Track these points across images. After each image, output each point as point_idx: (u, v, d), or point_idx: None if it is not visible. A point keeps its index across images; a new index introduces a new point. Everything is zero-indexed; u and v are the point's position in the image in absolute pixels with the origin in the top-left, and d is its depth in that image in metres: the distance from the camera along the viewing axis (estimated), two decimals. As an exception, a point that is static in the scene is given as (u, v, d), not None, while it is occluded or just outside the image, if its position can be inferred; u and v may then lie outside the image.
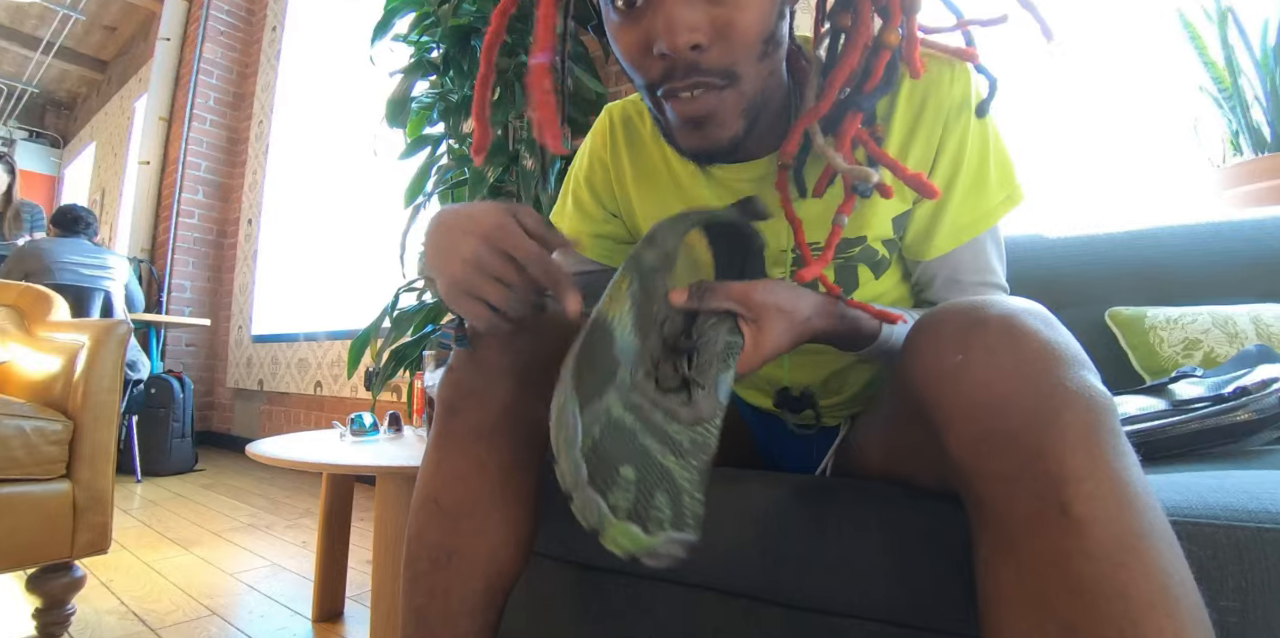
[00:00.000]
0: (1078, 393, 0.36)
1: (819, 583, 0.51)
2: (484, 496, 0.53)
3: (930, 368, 0.41)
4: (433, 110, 1.77)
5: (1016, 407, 0.36)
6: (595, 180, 0.69)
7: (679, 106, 0.49)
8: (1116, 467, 0.34)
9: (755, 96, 0.49)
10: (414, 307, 1.68)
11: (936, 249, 0.59)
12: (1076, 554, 0.33)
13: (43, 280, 2.36)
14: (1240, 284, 0.87)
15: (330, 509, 1.24)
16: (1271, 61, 1.03)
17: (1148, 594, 0.31)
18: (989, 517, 0.37)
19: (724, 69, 0.47)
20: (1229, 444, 0.56)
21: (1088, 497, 0.33)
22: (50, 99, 6.32)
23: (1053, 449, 0.34)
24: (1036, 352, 0.37)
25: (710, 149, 0.51)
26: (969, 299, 0.43)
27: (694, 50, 0.46)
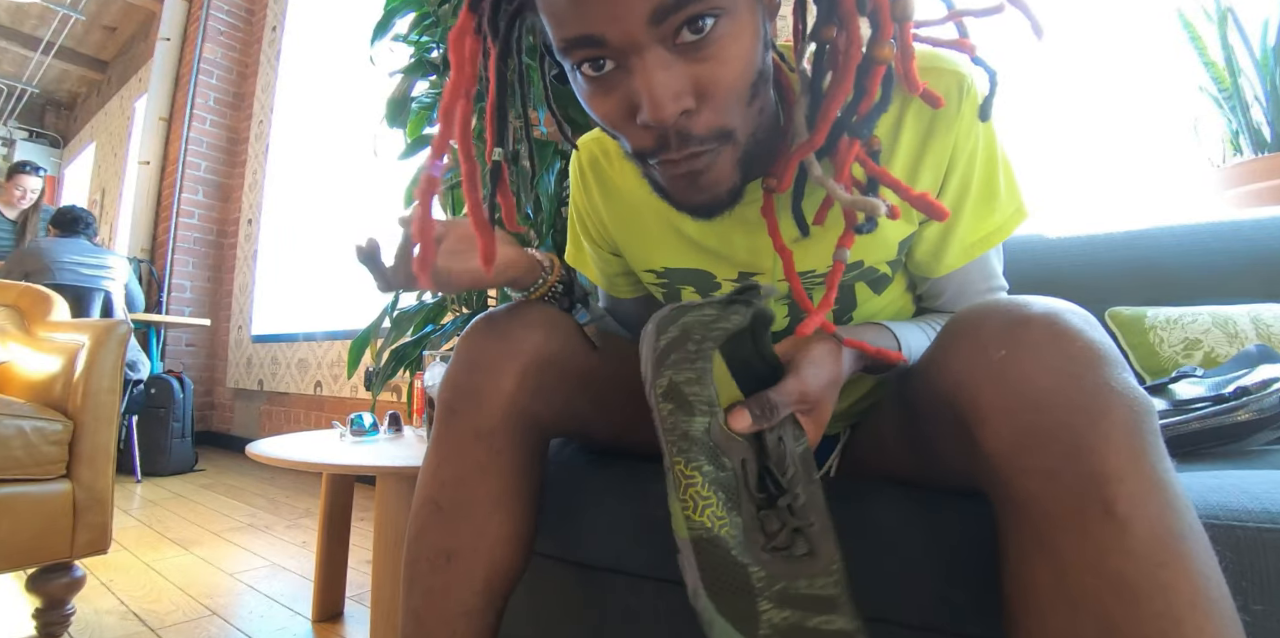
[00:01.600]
0: (1122, 393, 0.36)
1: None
2: (484, 497, 0.53)
3: (971, 363, 0.40)
4: (433, 110, 1.77)
5: (1061, 403, 0.36)
6: (589, 229, 0.69)
7: (672, 169, 0.45)
8: (1159, 468, 0.34)
9: (748, 143, 0.46)
10: (414, 307, 1.68)
11: (947, 267, 0.58)
12: (1117, 552, 0.33)
13: (43, 280, 2.36)
14: (1240, 284, 0.87)
15: (330, 509, 1.24)
16: (1271, 61, 1.03)
17: (1188, 594, 0.32)
18: (1026, 514, 0.36)
19: (717, 130, 0.43)
20: (1229, 444, 0.56)
21: (1130, 496, 0.33)
22: (50, 99, 6.32)
23: (1097, 447, 0.34)
24: (1081, 350, 0.37)
25: (709, 204, 0.48)
26: (1010, 298, 0.43)
27: (683, 116, 0.42)
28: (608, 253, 0.69)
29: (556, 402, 0.57)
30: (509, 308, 0.57)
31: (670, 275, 0.64)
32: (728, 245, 0.59)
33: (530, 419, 0.55)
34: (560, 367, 0.56)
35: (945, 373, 0.42)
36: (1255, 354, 0.66)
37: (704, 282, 0.62)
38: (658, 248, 0.62)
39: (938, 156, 0.52)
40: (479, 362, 0.54)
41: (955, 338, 0.43)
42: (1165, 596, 0.32)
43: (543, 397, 0.55)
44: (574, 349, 0.57)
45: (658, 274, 0.64)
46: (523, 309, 0.57)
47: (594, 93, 0.44)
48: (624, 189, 0.62)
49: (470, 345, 0.56)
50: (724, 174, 0.46)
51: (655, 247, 0.62)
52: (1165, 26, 1.16)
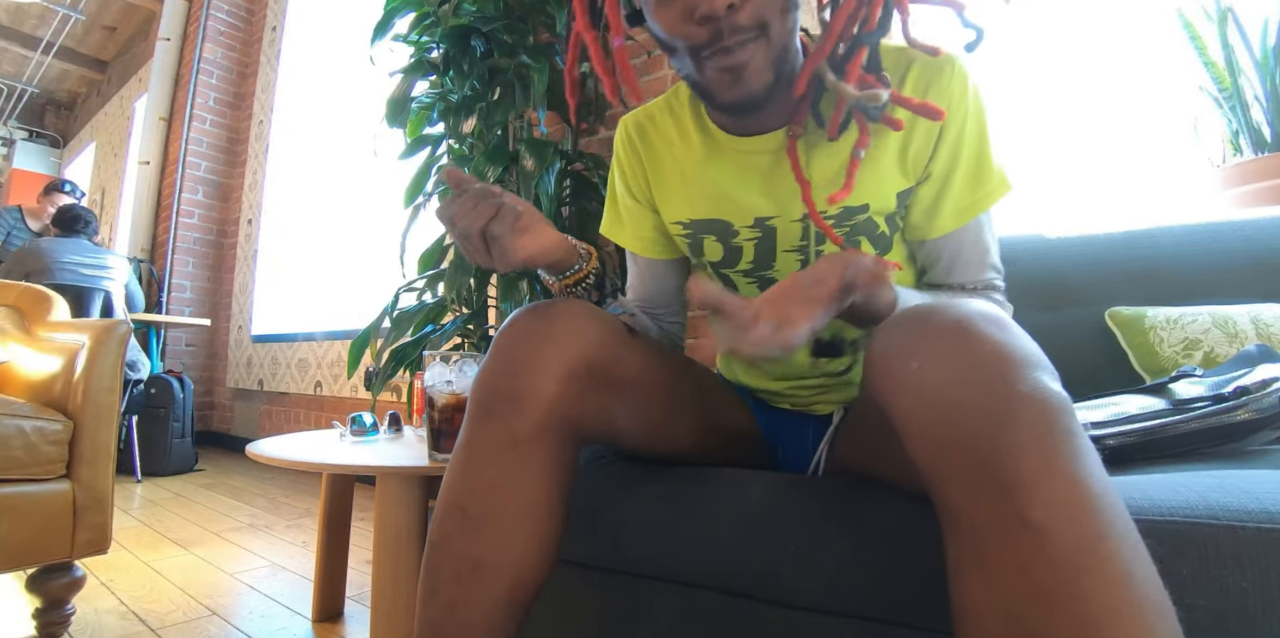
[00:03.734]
0: (1030, 395, 0.36)
1: (819, 583, 0.50)
2: (514, 506, 0.51)
3: (887, 376, 0.41)
4: (433, 110, 1.77)
5: (970, 413, 0.36)
6: (632, 187, 0.74)
7: (721, 60, 0.54)
8: (1073, 469, 0.34)
9: (780, 49, 0.55)
10: (414, 307, 1.68)
11: (940, 228, 0.63)
12: (1037, 561, 0.33)
13: (43, 280, 2.37)
14: (1240, 284, 0.87)
15: (330, 509, 1.24)
16: (1271, 61, 1.03)
17: (1107, 599, 0.31)
18: (956, 524, 0.37)
19: (756, 23, 0.53)
20: (1229, 444, 0.56)
21: (1044, 502, 0.33)
22: (50, 99, 6.32)
23: (1007, 455, 0.34)
24: (988, 356, 0.37)
25: (746, 99, 0.56)
26: (925, 305, 0.43)
27: (730, 10, 0.51)
28: (649, 209, 0.74)
29: (594, 408, 0.54)
30: (552, 304, 0.55)
31: (694, 226, 0.69)
32: (748, 193, 0.64)
33: (568, 426, 0.53)
34: (603, 372, 0.54)
35: (872, 383, 0.43)
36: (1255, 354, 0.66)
37: (723, 230, 0.67)
38: (685, 199, 0.69)
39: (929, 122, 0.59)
40: (521, 362, 0.52)
41: (875, 348, 0.44)
42: (1085, 603, 0.31)
43: (582, 403, 0.53)
44: (617, 353, 0.56)
45: (684, 226, 0.70)
46: (570, 306, 0.55)
47: (659, 6, 0.55)
48: (662, 147, 0.71)
49: (512, 343, 0.53)
50: (759, 69, 0.55)
51: (683, 198, 0.69)
52: (1165, 26, 1.16)
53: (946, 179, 0.61)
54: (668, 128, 0.70)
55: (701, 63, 0.55)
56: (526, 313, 0.55)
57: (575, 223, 1.77)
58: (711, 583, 0.56)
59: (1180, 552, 0.39)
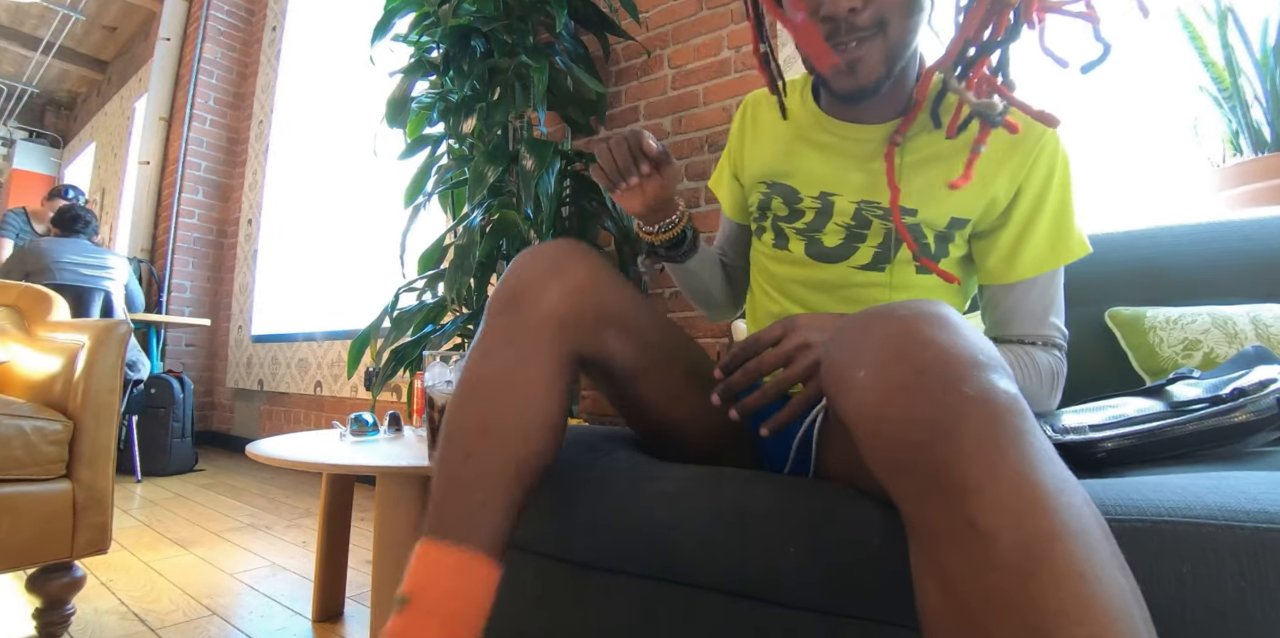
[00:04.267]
0: (975, 399, 0.35)
1: (819, 583, 0.51)
2: (524, 382, 0.56)
3: (837, 385, 0.41)
4: (433, 110, 1.77)
5: (915, 422, 0.36)
6: (733, 153, 0.84)
7: (841, 53, 0.60)
8: (1021, 470, 0.34)
9: (896, 46, 0.60)
10: (414, 307, 1.68)
11: (1018, 274, 0.66)
12: (986, 567, 0.33)
13: (43, 280, 2.37)
14: (1240, 284, 0.87)
15: (330, 509, 1.24)
16: (1271, 61, 1.03)
17: (1056, 602, 0.31)
18: (912, 531, 0.37)
19: (874, 22, 0.58)
20: (1227, 446, 0.56)
21: (992, 507, 0.33)
22: (50, 99, 6.33)
23: (953, 462, 0.34)
24: (933, 360, 0.37)
25: (857, 90, 0.62)
26: (875, 308, 0.43)
27: (851, 13, 0.57)
28: (735, 176, 0.84)
29: (589, 322, 0.60)
30: (557, 244, 0.64)
31: (772, 187, 0.76)
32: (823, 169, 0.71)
33: (567, 331, 0.59)
34: (596, 296, 0.61)
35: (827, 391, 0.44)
36: (1252, 355, 0.66)
37: (791, 196, 0.74)
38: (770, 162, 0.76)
39: (1015, 168, 0.64)
40: (526, 277, 0.60)
41: (831, 353, 0.44)
42: (1034, 607, 0.31)
43: (578, 317, 0.60)
44: (610, 285, 0.62)
45: (767, 185, 0.76)
46: (573, 247, 0.64)
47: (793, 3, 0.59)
48: (768, 119, 0.79)
49: (521, 265, 0.62)
50: (873, 65, 0.60)
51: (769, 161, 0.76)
52: (1165, 26, 1.16)
53: (1027, 226, 0.65)
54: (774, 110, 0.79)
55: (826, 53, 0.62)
56: (535, 248, 0.64)
57: (575, 223, 1.77)
58: (711, 583, 0.56)
59: (1179, 551, 0.40)
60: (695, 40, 1.81)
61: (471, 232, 1.55)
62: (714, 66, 1.76)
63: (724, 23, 1.75)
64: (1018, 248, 0.66)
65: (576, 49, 1.81)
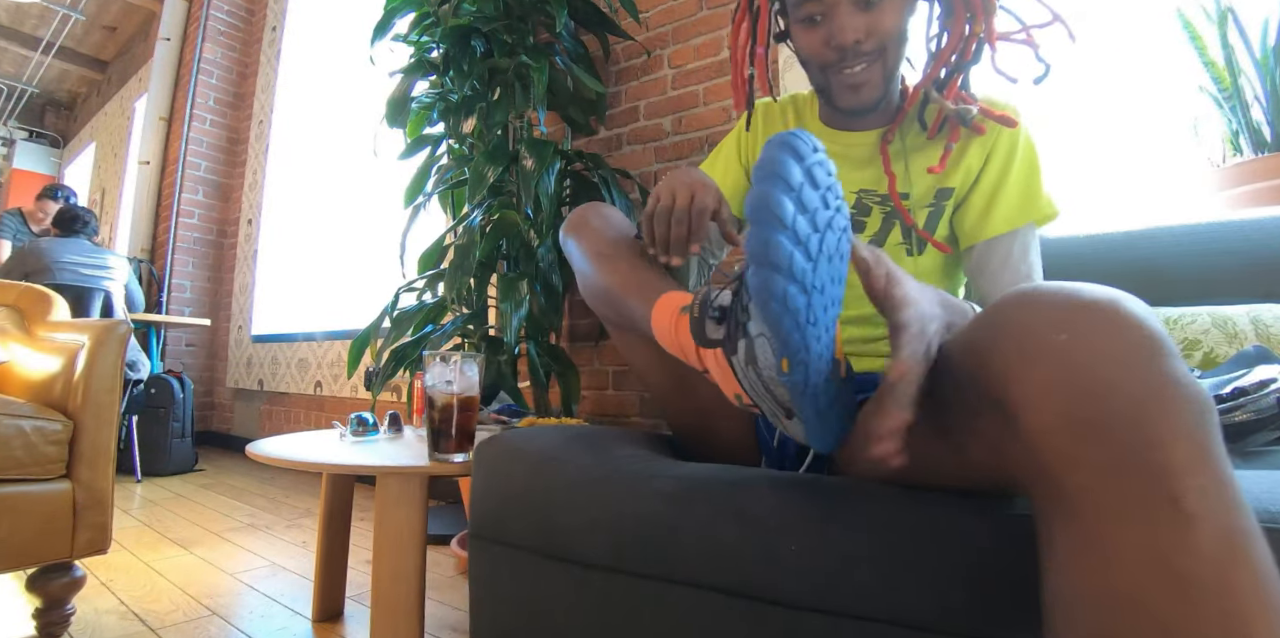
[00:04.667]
0: (1188, 386, 0.34)
1: (819, 583, 0.51)
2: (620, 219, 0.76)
3: (1023, 346, 0.38)
4: (433, 110, 1.77)
5: (1126, 393, 0.34)
6: (743, 149, 0.91)
7: (845, 78, 0.74)
8: (1222, 464, 0.33)
9: (891, 69, 0.74)
10: (414, 307, 1.68)
11: (994, 228, 0.76)
12: (1182, 550, 0.31)
13: (43, 280, 2.37)
14: (1240, 284, 0.87)
15: (330, 509, 1.24)
16: (1271, 61, 1.03)
17: (1255, 595, 0.30)
18: (1077, 508, 0.34)
19: (876, 49, 0.72)
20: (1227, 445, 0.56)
21: (1199, 491, 0.32)
22: (50, 99, 6.33)
23: (1165, 440, 0.33)
24: (1145, 339, 0.35)
25: (860, 107, 0.76)
26: (1064, 283, 0.41)
27: (855, 44, 0.71)
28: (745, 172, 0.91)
29: None
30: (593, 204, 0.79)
31: None
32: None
33: None
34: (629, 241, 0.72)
35: (990, 356, 0.40)
36: (1253, 355, 0.66)
37: None
38: None
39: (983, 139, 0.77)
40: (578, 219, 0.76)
41: (1004, 318, 0.41)
42: (1234, 596, 0.30)
43: None
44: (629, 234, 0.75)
45: None
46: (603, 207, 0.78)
47: (805, 31, 0.74)
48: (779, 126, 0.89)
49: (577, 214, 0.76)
50: (875, 85, 0.74)
51: None
52: (1165, 26, 1.16)
53: (998, 185, 0.76)
54: (788, 114, 0.90)
55: (829, 77, 0.75)
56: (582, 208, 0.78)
57: (575, 223, 1.76)
58: (711, 583, 0.56)
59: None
60: (695, 40, 1.81)
61: (471, 232, 1.55)
62: (714, 66, 1.76)
63: (724, 23, 1.75)
64: (991, 204, 0.76)
65: (576, 49, 1.81)
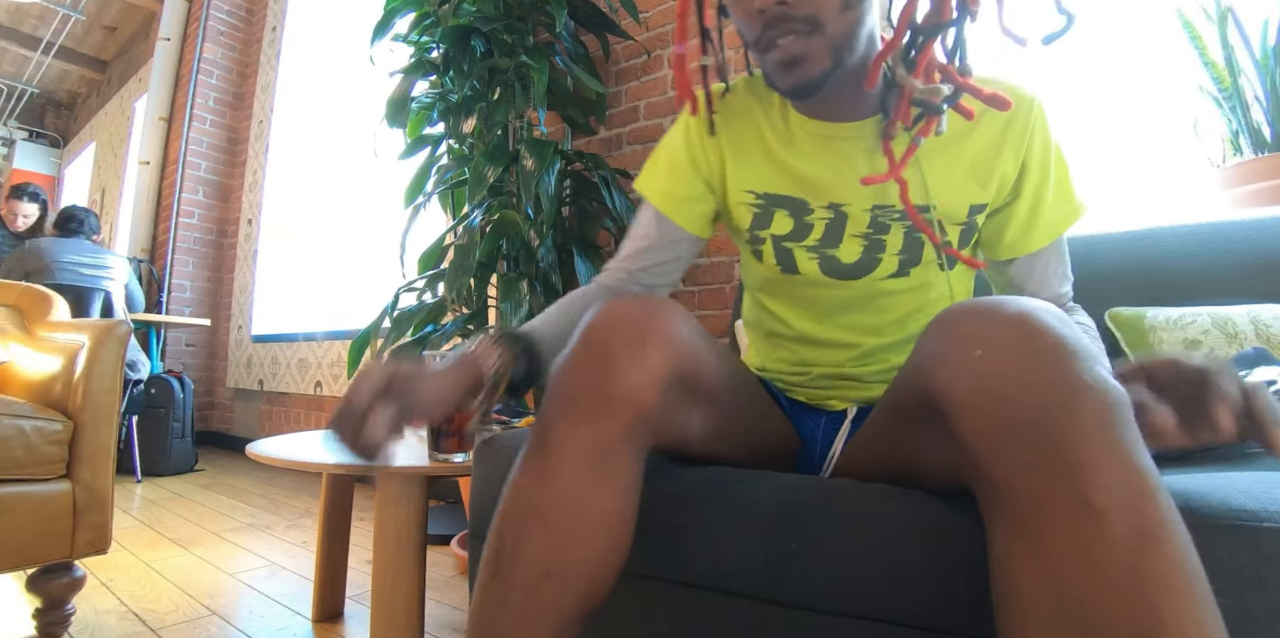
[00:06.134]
0: (1094, 386, 0.37)
1: (819, 583, 0.51)
2: (597, 518, 0.48)
3: (948, 360, 0.42)
4: (433, 110, 1.77)
5: (1035, 398, 0.37)
6: (696, 151, 0.73)
7: (776, 53, 0.57)
8: (1132, 457, 0.35)
9: (841, 39, 0.57)
10: (414, 307, 1.68)
11: (1036, 243, 0.67)
12: (1096, 542, 0.34)
13: (43, 280, 2.37)
14: (1240, 284, 0.87)
15: (330, 509, 1.24)
16: (1271, 61, 1.03)
17: (1166, 579, 0.32)
18: (1008, 506, 0.37)
19: (808, 17, 0.55)
20: (1226, 447, 0.56)
21: (1106, 487, 0.34)
22: (50, 99, 6.33)
23: (1072, 439, 0.35)
24: (1052, 347, 0.38)
25: (804, 83, 0.58)
26: (987, 298, 0.44)
27: (780, 5, 0.55)
28: (703, 186, 0.73)
29: (677, 415, 0.53)
30: (648, 299, 0.53)
31: (768, 199, 0.69)
32: (825, 176, 0.66)
33: (652, 435, 0.51)
34: (691, 379, 0.53)
35: (929, 370, 0.44)
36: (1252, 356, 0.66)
37: (798, 207, 0.68)
38: (763, 173, 0.69)
39: (1016, 141, 0.63)
40: (619, 362, 0.48)
41: (936, 337, 0.44)
42: (1143, 583, 0.32)
43: (670, 410, 0.52)
44: (705, 359, 0.55)
45: (756, 195, 0.70)
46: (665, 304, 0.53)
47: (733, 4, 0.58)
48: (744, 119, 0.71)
49: (611, 339, 0.49)
50: (817, 57, 0.57)
51: (761, 172, 0.70)
52: (1165, 26, 1.16)
53: (1038, 195, 0.65)
54: (751, 104, 0.71)
55: (760, 54, 0.59)
56: (625, 303, 0.52)
57: (575, 223, 1.77)
58: (711, 583, 0.56)
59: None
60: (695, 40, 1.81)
61: (471, 232, 1.55)
62: (714, 66, 1.76)
63: (724, 23, 1.75)
64: (1034, 217, 0.66)
65: (576, 49, 1.81)
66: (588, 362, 0.49)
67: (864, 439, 0.62)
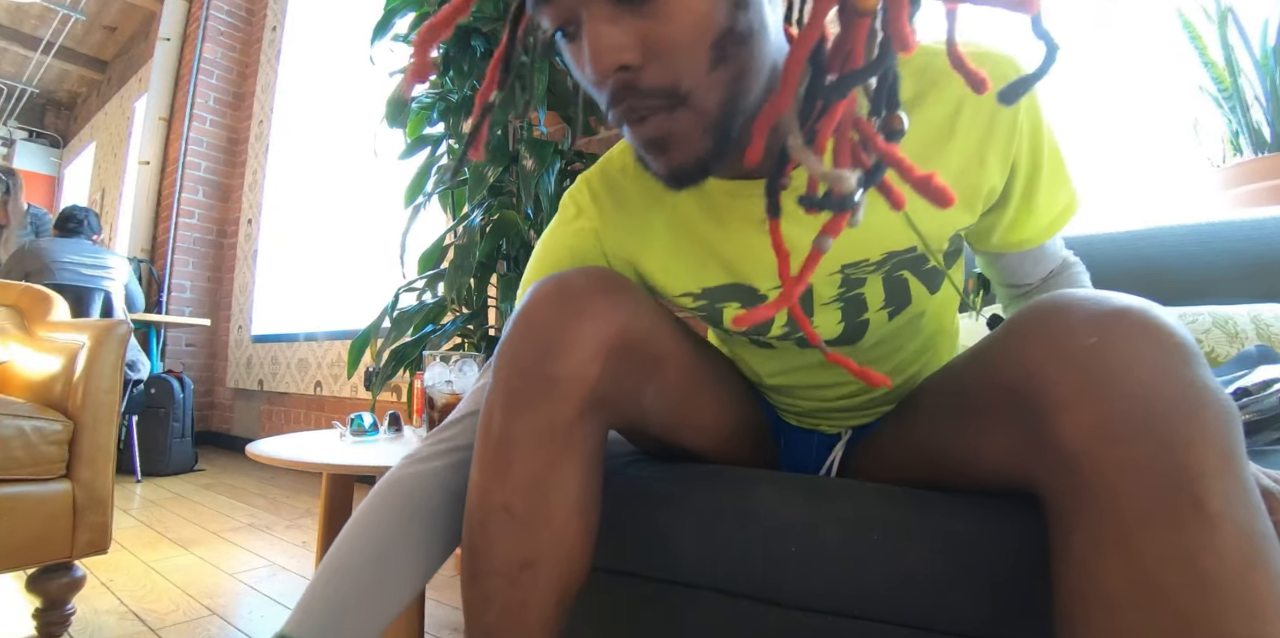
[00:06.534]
0: (1216, 392, 0.35)
1: (819, 583, 0.51)
2: (560, 501, 0.47)
3: (1055, 349, 0.38)
4: (433, 110, 1.77)
5: (1156, 394, 0.35)
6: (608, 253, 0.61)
7: (634, 132, 0.45)
8: (1246, 470, 0.34)
9: (719, 111, 0.43)
10: (414, 307, 1.68)
11: (1034, 242, 0.60)
12: (1206, 550, 0.32)
13: (43, 280, 2.37)
14: (1240, 284, 0.87)
15: (330, 509, 1.24)
16: (1271, 61, 1.03)
17: (1274, 596, 0.31)
18: (1103, 507, 0.35)
19: (665, 88, 0.42)
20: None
21: (1223, 494, 0.33)
22: (50, 99, 6.33)
23: (1193, 442, 0.34)
24: (1176, 346, 0.36)
25: (677, 172, 0.45)
26: (1095, 290, 0.41)
27: (624, 71, 0.41)
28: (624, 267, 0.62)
29: (629, 387, 0.50)
30: (583, 272, 0.50)
31: (710, 295, 0.59)
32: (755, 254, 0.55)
33: (606, 409, 0.49)
34: (639, 347, 0.50)
35: (1021, 358, 0.40)
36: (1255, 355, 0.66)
37: (747, 296, 0.58)
38: (688, 266, 0.58)
39: (1004, 144, 0.51)
40: (555, 341, 0.46)
41: (1037, 323, 0.40)
42: (1254, 596, 0.31)
43: (619, 382, 0.49)
44: (651, 325, 0.51)
45: (696, 296, 0.60)
46: (601, 275, 0.49)
47: (573, 60, 0.45)
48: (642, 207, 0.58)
49: (544, 319, 0.47)
50: (688, 140, 0.43)
51: (685, 265, 0.58)
52: (1165, 26, 1.16)
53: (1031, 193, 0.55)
54: (645, 180, 0.57)
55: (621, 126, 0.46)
56: (554, 283, 0.48)
57: (575, 223, 1.76)
58: (711, 583, 0.56)
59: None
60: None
61: (471, 232, 1.55)
62: (714, 66, 1.76)
63: (724, 23, 1.74)
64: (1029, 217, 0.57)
65: (577, 49, 1.81)
66: (524, 345, 0.47)
67: (893, 438, 0.60)
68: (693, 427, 0.60)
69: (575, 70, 0.46)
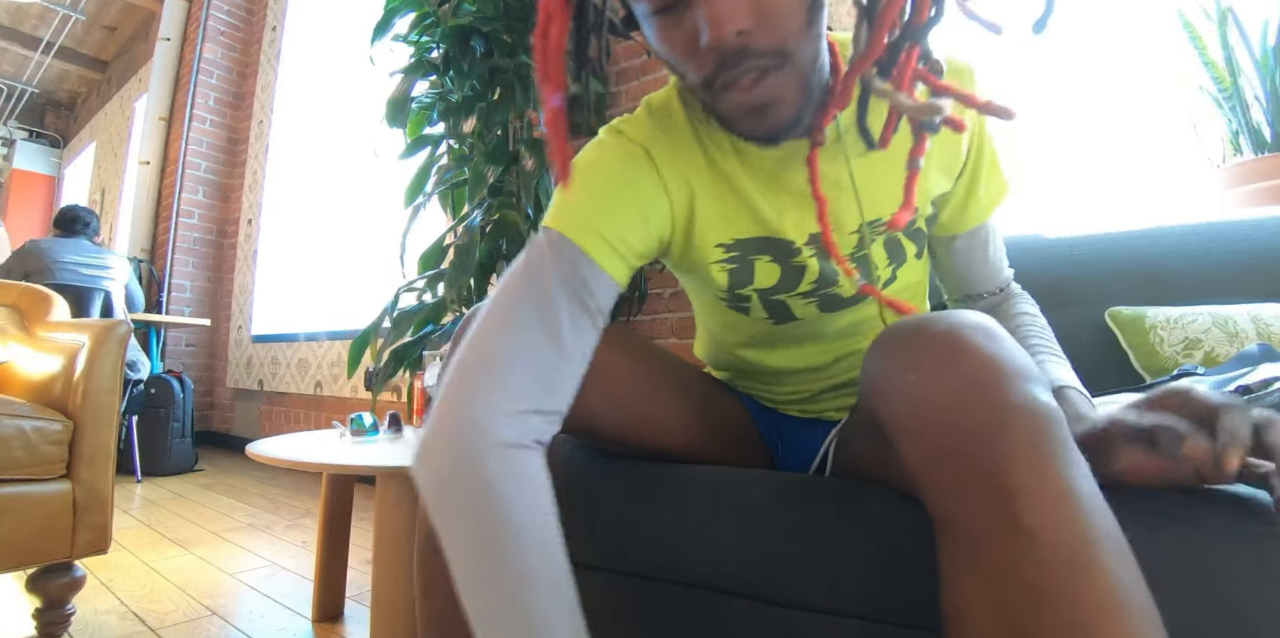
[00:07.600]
0: (1021, 407, 0.37)
1: (819, 583, 0.51)
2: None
3: (884, 389, 0.42)
4: (433, 110, 1.77)
5: (964, 424, 0.37)
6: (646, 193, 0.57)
7: (740, 96, 0.47)
8: (1064, 476, 0.35)
9: (809, 66, 0.48)
10: (414, 307, 1.68)
11: (972, 220, 0.64)
12: (1027, 564, 0.34)
13: (43, 280, 2.37)
14: (1240, 284, 0.87)
15: (330, 509, 1.24)
16: (1271, 61, 1.03)
17: (1095, 600, 0.32)
18: (950, 530, 0.38)
19: (775, 49, 0.45)
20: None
21: (1036, 507, 0.34)
22: (50, 99, 6.33)
23: (1000, 463, 0.36)
24: (980, 368, 0.39)
25: (777, 130, 0.49)
26: (920, 318, 0.44)
27: (740, 36, 0.44)
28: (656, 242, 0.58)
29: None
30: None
31: (741, 247, 0.59)
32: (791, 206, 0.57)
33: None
34: None
35: (873, 396, 0.44)
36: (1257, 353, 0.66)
37: (779, 249, 0.59)
38: (723, 217, 0.58)
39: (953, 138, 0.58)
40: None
41: (876, 360, 0.44)
42: (1074, 604, 0.32)
43: None
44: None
45: (727, 248, 0.59)
46: None
47: (662, 29, 0.47)
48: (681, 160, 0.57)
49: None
50: (788, 100, 0.48)
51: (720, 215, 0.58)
52: (1165, 26, 1.16)
53: (974, 174, 0.62)
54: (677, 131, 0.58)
55: (715, 96, 0.48)
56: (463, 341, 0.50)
57: (575, 223, 1.76)
58: (710, 583, 0.56)
59: (1184, 550, 0.39)
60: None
61: (471, 232, 1.55)
62: (714, 66, 1.76)
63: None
64: (970, 194, 0.62)
65: (577, 49, 1.81)
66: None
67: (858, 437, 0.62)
68: (652, 432, 0.63)
69: (662, 45, 0.48)
